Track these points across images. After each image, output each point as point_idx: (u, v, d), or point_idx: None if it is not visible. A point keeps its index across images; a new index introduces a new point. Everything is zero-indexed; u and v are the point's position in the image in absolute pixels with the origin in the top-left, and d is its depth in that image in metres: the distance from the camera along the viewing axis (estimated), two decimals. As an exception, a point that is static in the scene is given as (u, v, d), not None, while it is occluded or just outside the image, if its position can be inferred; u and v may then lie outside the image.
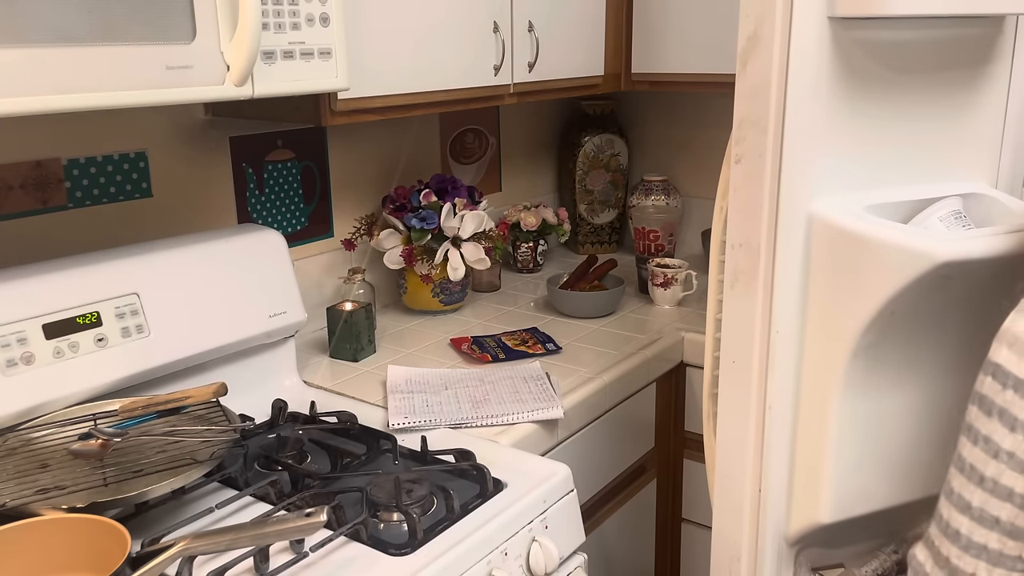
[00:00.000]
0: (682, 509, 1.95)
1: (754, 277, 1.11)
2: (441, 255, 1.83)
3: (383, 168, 1.99)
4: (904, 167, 1.17)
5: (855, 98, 1.09)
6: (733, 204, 1.12)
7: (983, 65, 1.17)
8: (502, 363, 1.64)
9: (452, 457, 1.28)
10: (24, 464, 1.12)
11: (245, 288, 1.44)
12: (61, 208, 1.42)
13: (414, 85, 1.57)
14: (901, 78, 1.12)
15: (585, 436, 1.57)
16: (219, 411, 1.24)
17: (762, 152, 1.07)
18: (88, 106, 1.03)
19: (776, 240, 1.09)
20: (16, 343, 1.17)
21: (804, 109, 1.05)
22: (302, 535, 0.98)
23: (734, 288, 1.14)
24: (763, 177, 1.08)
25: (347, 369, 1.65)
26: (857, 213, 1.07)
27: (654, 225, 2.10)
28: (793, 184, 1.07)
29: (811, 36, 1.03)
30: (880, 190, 1.14)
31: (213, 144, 1.64)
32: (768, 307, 1.11)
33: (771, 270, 1.10)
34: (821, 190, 1.09)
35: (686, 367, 1.85)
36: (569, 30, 1.92)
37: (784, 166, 1.06)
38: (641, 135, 2.51)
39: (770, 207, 1.08)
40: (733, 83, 1.96)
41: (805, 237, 1.09)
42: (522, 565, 1.17)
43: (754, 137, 1.08)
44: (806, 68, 1.04)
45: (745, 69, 1.08)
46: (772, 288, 1.10)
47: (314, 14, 1.26)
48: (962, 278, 1.03)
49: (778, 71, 1.04)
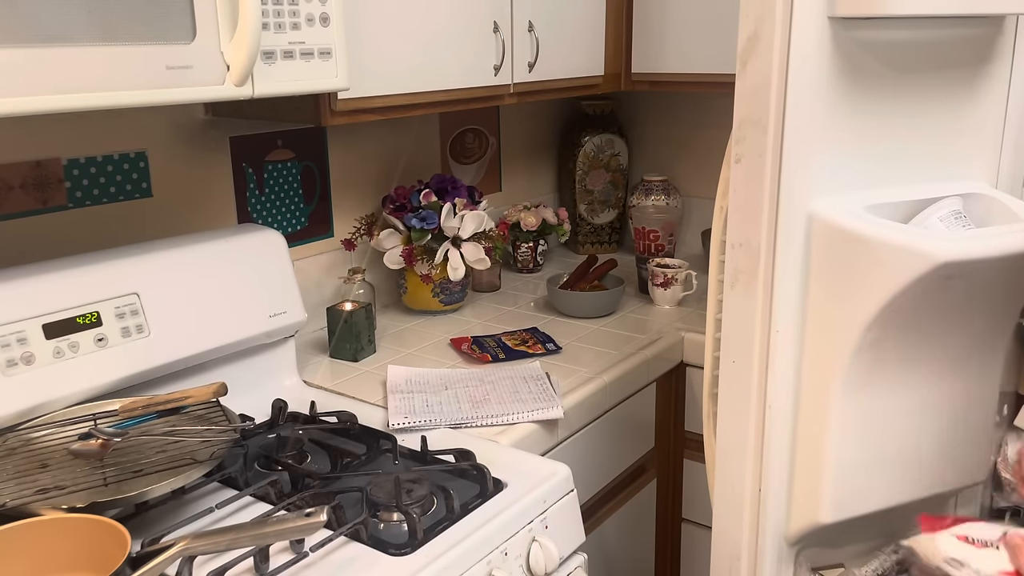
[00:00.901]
0: (682, 509, 1.95)
1: (754, 277, 1.11)
2: (441, 255, 1.83)
3: (383, 168, 1.99)
4: (904, 167, 1.17)
5: (855, 98, 1.09)
6: (733, 204, 1.12)
7: (983, 65, 1.17)
8: (502, 363, 1.64)
9: (452, 457, 1.28)
10: (24, 464, 1.12)
11: (245, 288, 1.44)
12: (61, 208, 1.42)
13: (414, 85, 1.57)
14: (901, 78, 1.12)
15: (585, 436, 1.57)
16: (219, 411, 1.24)
17: (762, 152, 1.07)
18: (88, 106, 1.03)
19: (776, 240, 1.09)
20: (16, 343, 1.17)
21: (804, 109, 1.05)
22: (302, 535, 0.98)
23: (734, 288, 1.14)
24: (763, 177, 1.08)
25: (347, 369, 1.65)
26: (857, 213, 1.07)
27: (654, 225, 2.10)
28: (793, 184, 1.07)
29: (811, 36, 1.03)
30: (880, 190, 1.14)
31: (213, 144, 1.64)
32: (768, 307, 1.11)
33: (771, 270, 1.10)
34: (821, 190, 1.09)
35: (686, 367, 1.85)
36: (569, 30, 1.92)
37: (784, 166, 1.06)
38: (641, 135, 2.51)
39: (770, 207, 1.08)
40: (733, 83, 1.97)
41: (805, 237, 1.09)
42: (522, 565, 1.17)
43: (754, 137, 1.08)
44: (806, 68, 1.04)
45: (745, 69, 1.08)
46: (772, 288, 1.10)
47: (314, 14, 1.26)
48: (962, 278, 1.03)
49: (778, 71, 1.04)
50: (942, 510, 1.32)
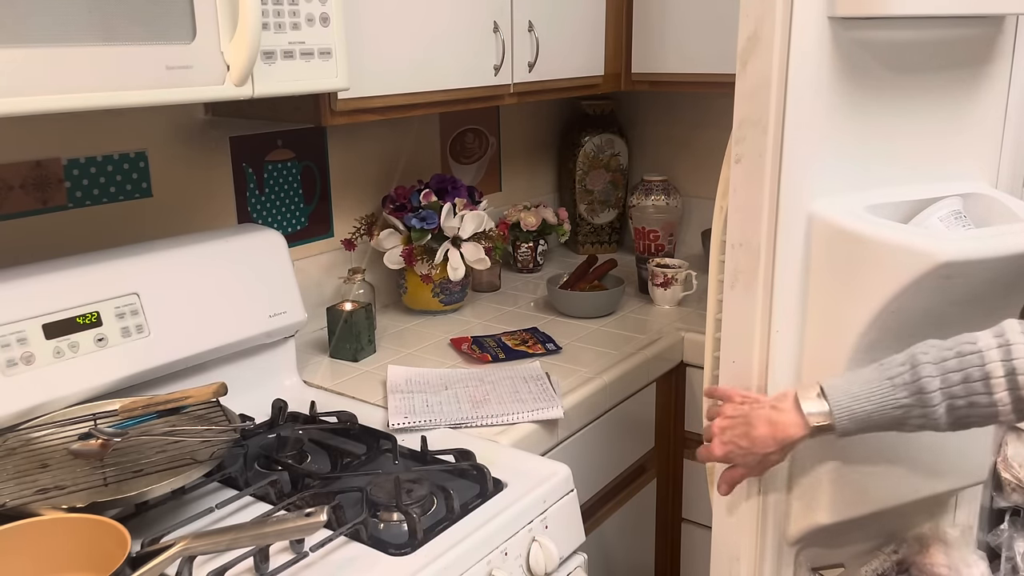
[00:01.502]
0: (682, 509, 1.95)
1: (754, 277, 1.11)
2: (441, 255, 1.83)
3: (383, 168, 1.99)
4: (904, 167, 1.16)
5: (855, 98, 1.09)
6: (733, 204, 1.12)
7: (983, 65, 1.17)
8: (502, 363, 1.64)
9: (452, 457, 1.28)
10: (24, 464, 1.12)
11: (245, 288, 1.44)
12: (61, 208, 1.42)
13: (414, 85, 1.57)
14: (901, 78, 1.11)
15: (585, 436, 1.57)
16: (219, 411, 1.24)
17: (762, 152, 1.07)
18: (88, 106, 1.03)
19: (776, 240, 1.08)
20: (16, 343, 1.17)
21: (804, 109, 1.05)
22: (302, 535, 0.98)
23: (734, 288, 1.14)
24: (763, 177, 1.07)
25: (347, 369, 1.65)
26: (857, 213, 1.07)
27: (654, 225, 2.10)
28: (793, 184, 1.07)
29: (811, 36, 1.03)
30: (880, 190, 1.14)
31: (213, 144, 1.64)
32: (768, 307, 1.11)
33: (771, 270, 1.09)
34: (821, 190, 1.09)
35: (686, 367, 1.85)
36: (569, 30, 1.92)
37: (784, 166, 1.06)
38: (641, 135, 2.51)
39: (770, 207, 1.08)
40: (733, 83, 1.97)
41: (805, 237, 1.09)
42: (522, 565, 1.17)
43: (754, 137, 1.08)
44: (806, 68, 1.04)
45: (745, 69, 1.08)
46: (772, 288, 1.10)
47: (314, 14, 1.26)
48: (962, 278, 1.03)
49: (778, 71, 1.04)
50: (942, 510, 1.32)
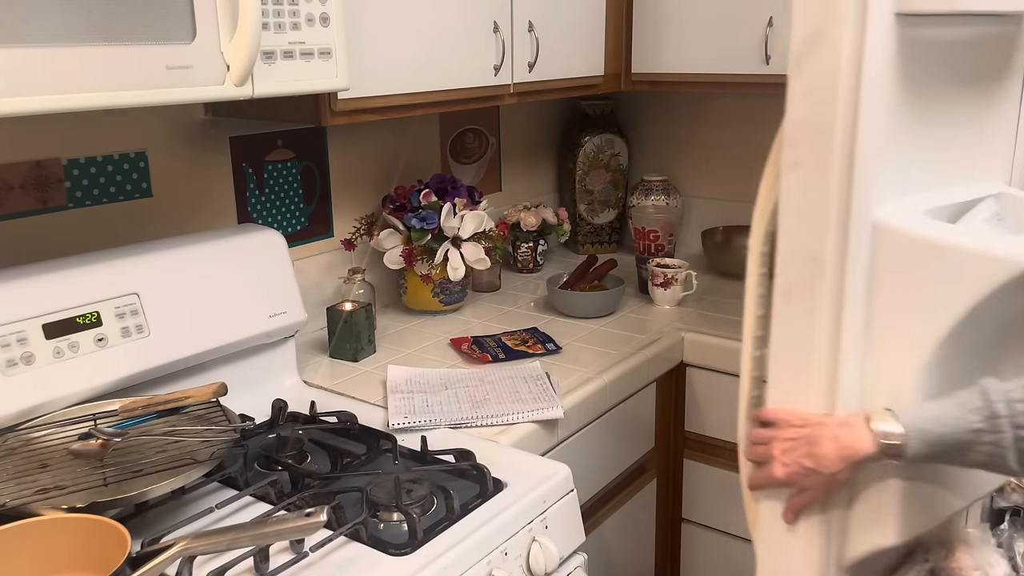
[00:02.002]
0: (682, 509, 1.95)
1: (813, 292, 1.03)
2: (441, 255, 1.83)
3: (383, 168, 1.99)
4: (940, 169, 1.11)
5: (907, 98, 1.03)
6: (787, 212, 1.05)
7: (1006, 63, 1.13)
8: (502, 363, 1.64)
9: (452, 457, 1.28)
10: (24, 464, 1.12)
11: (245, 288, 1.44)
12: (61, 208, 1.42)
13: (414, 85, 1.57)
14: (944, 77, 1.06)
15: (585, 436, 1.57)
16: (219, 411, 1.24)
17: (825, 157, 1.00)
18: (88, 106, 1.03)
19: (847, 250, 1.01)
20: (16, 343, 1.17)
21: (876, 111, 0.99)
22: (302, 535, 0.98)
23: (788, 304, 1.06)
24: (827, 183, 1.00)
25: (347, 369, 1.65)
26: (921, 219, 1.01)
27: (654, 225, 2.10)
28: (863, 191, 1.00)
29: (881, 34, 0.97)
30: (921, 194, 1.08)
31: (213, 144, 1.64)
32: (835, 324, 1.03)
33: (838, 283, 1.02)
34: (880, 196, 1.02)
35: (686, 367, 1.85)
36: (569, 30, 1.92)
37: (856, 172, 0.99)
38: (641, 135, 2.51)
39: (838, 215, 1.01)
40: (733, 83, 1.97)
41: (869, 246, 1.02)
42: (522, 565, 1.17)
43: (814, 141, 1.01)
44: (876, 67, 0.98)
45: (801, 70, 1.01)
46: (842, 303, 1.02)
47: (314, 14, 1.26)
48: None
49: (847, 71, 0.98)
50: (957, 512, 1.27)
